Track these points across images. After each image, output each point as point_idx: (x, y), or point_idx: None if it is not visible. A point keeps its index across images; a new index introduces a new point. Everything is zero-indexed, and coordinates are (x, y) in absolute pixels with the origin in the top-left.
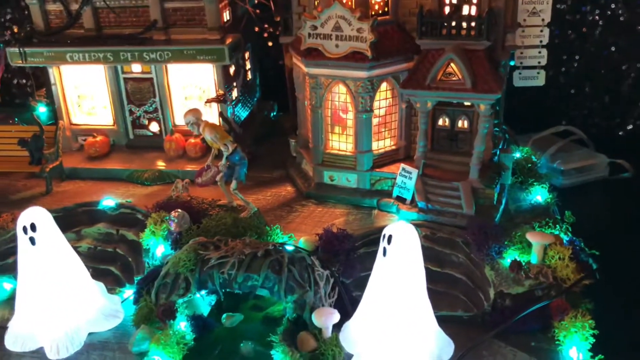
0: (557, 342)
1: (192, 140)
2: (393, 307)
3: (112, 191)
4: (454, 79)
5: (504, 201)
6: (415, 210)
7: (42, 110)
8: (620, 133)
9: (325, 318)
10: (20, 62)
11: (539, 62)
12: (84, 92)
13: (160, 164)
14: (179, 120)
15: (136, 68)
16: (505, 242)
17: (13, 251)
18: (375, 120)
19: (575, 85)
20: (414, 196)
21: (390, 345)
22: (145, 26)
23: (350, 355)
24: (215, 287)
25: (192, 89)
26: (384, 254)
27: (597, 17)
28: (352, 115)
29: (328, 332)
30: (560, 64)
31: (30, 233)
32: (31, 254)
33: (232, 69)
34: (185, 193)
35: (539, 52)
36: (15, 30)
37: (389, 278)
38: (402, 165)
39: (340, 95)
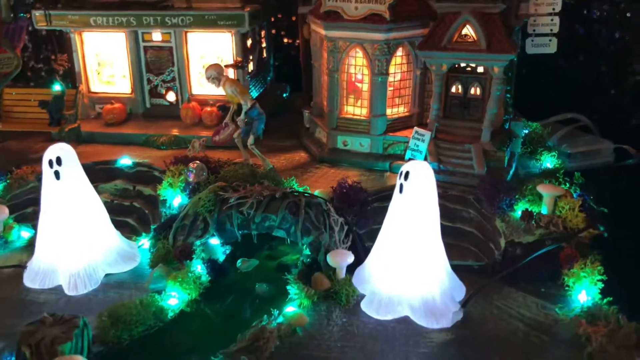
0: (566, 288)
1: (208, 108)
2: (409, 244)
3: (129, 153)
4: (469, 40)
5: (514, 165)
6: None
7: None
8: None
9: (340, 258)
10: (45, 24)
11: (551, 30)
12: (104, 60)
13: (176, 131)
14: (196, 89)
15: (156, 37)
16: (516, 196)
17: (32, 202)
18: (390, 87)
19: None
20: (426, 158)
21: (405, 283)
22: None
23: (363, 296)
24: (233, 228)
25: (210, 57)
26: (401, 190)
27: None
28: (367, 79)
29: (342, 273)
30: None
31: (55, 166)
32: (55, 188)
33: (249, 42)
34: (202, 152)
35: (552, 20)
36: None
37: (405, 215)
38: (415, 128)
39: (357, 59)
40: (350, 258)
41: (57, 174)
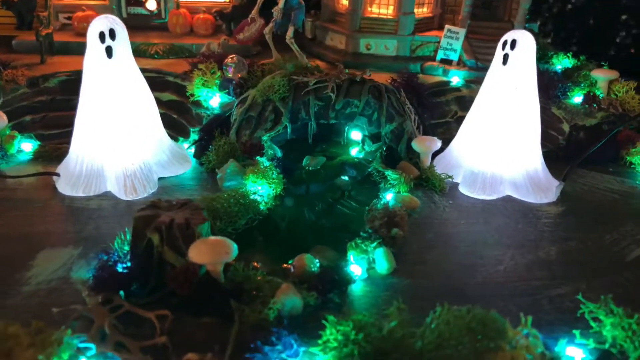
0: (632, 166)
1: (201, 15)
2: (512, 119)
3: None
4: None
5: None
6: (466, 68)
7: None
8: None
9: (431, 143)
10: None
11: None
12: None
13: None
14: None
15: None
16: (569, 84)
17: (28, 109)
18: None
19: None
20: (460, 56)
21: (508, 160)
22: None
23: (450, 182)
24: (308, 117)
25: None
26: (505, 61)
27: None
28: None
29: (428, 160)
30: None
31: (108, 41)
32: (104, 68)
33: None
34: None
35: None
36: None
37: (509, 88)
38: (447, 26)
39: None
40: (439, 143)
41: (109, 51)
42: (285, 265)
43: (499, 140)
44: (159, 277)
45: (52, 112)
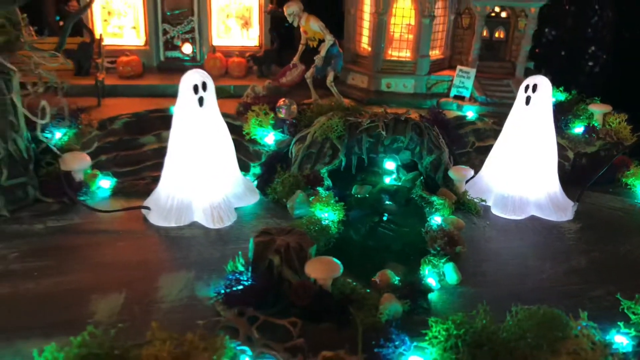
0: (628, 187)
1: (235, 59)
2: (535, 150)
3: (164, 104)
4: None
5: None
6: (477, 104)
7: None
8: None
9: (465, 172)
10: None
11: None
12: (115, 9)
13: None
14: (216, 40)
15: None
16: (569, 116)
17: (102, 150)
18: None
19: None
20: (472, 93)
21: (532, 184)
22: None
23: (483, 205)
24: (360, 152)
25: (234, 7)
26: (527, 102)
27: None
28: (414, 22)
29: (463, 186)
30: None
31: (200, 92)
32: (196, 116)
33: None
34: (263, 96)
35: None
36: None
37: (532, 124)
38: (459, 67)
39: (406, 1)
40: (472, 172)
41: (201, 101)
42: (373, 279)
43: (525, 168)
44: (278, 292)
45: (121, 151)
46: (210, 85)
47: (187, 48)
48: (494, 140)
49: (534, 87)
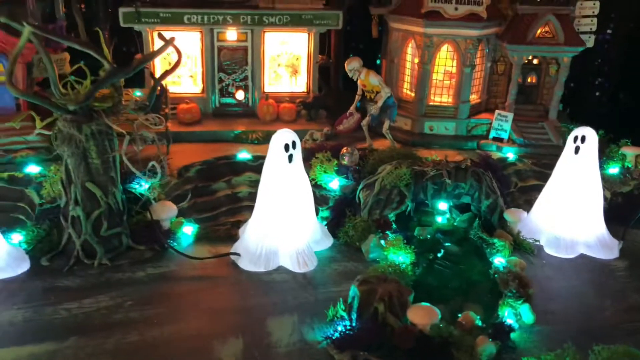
0: None
1: (286, 105)
2: (585, 194)
3: (230, 150)
4: (548, 36)
5: None
6: (515, 145)
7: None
8: None
9: (520, 215)
10: (133, 23)
11: (591, 29)
12: (175, 60)
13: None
14: (268, 87)
15: (231, 36)
16: (604, 158)
17: (181, 198)
18: None
19: None
20: (510, 135)
21: (582, 226)
22: None
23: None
24: (425, 198)
25: (286, 56)
26: (576, 152)
27: None
28: (455, 70)
29: (516, 228)
30: None
31: (290, 150)
32: (286, 171)
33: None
34: (320, 141)
35: (591, 21)
36: None
37: (581, 171)
38: (497, 111)
39: (448, 52)
40: (525, 215)
41: (290, 158)
42: (458, 320)
43: (575, 210)
44: (382, 336)
45: (198, 197)
46: (298, 143)
47: (240, 95)
48: (535, 181)
49: (582, 138)
